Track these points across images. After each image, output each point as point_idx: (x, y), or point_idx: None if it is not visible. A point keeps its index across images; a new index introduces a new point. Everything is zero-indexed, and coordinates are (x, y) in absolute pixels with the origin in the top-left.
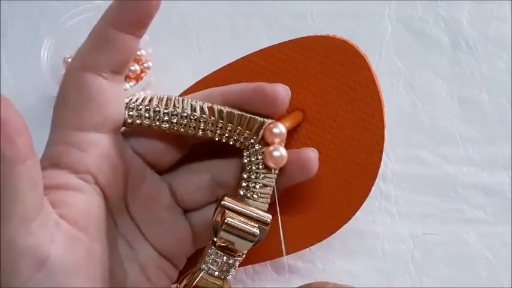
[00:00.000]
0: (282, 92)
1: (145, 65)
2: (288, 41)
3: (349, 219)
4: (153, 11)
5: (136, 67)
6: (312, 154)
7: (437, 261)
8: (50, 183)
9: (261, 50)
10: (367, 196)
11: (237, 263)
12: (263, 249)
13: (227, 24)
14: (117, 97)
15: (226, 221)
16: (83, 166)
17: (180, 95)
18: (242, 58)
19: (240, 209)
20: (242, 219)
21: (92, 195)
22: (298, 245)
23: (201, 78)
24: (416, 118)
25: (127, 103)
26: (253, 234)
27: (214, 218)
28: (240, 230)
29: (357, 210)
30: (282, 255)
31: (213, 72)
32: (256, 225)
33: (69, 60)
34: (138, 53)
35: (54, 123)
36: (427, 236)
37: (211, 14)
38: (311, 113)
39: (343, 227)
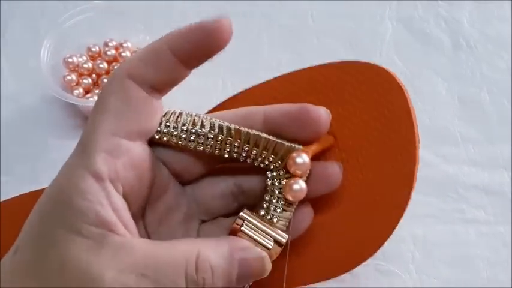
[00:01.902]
0: (324, 114)
1: None
2: (327, 63)
3: (371, 256)
4: (219, 50)
5: None
6: (336, 168)
7: (438, 261)
8: None
9: (301, 70)
10: (392, 231)
11: None
12: (270, 281)
13: None
14: (155, 110)
15: (242, 228)
16: (114, 173)
17: (219, 108)
18: (281, 76)
19: (257, 223)
20: (258, 232)
21: None
22: (313, 278)
23: (236, 93)
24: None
25: None
26: (266, 247)
27: (230, 230)
28: (254, 240)
29: (380, 247)
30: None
31: (251, 88)
32: (272, 241)
33: (69, 60)
34: None
35: (91, 124)
36: (428, 236)
37: (212, 14)
38: (342, 138)
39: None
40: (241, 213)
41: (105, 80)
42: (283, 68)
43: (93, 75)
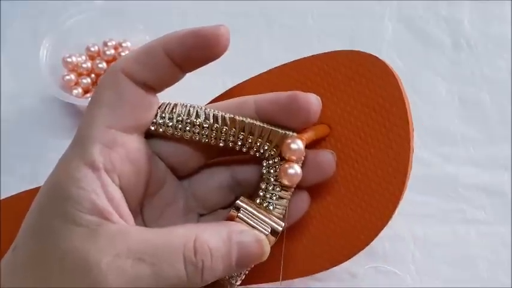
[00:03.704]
0: (315, 101)
1: None
2: (321, 54)
3: (367, 245)
4: (214, 58)
5: None
6: (329, 156)
7: (438, 261)
8: None
9: (293, 61)
10: (388, 221)
11: (238, 282)
12: (267, 269)
13: (227, 24)
14: (151, 105)
15: (239, 215)
16: (109, 164)
17: (213, 101)
18: (274, 68)
19: (253, 210)
20: (255, 219)
21: None
22: (309, 269)
23: (230, 88)
24: (416, 118)
25: None
26: (263, 233)
27: (227, 217)
28: (251, 226)
29: (376, 236)
30: (289, 278)
31: (245, 81)
32: (269, 228)
33: (68, 59)
34: None
35: (86, 118)
36: (428, 236)
37: (211, 14)
38: (337, 128)
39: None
40: (237, 201)
41: None
42: None
43: (93, 75)
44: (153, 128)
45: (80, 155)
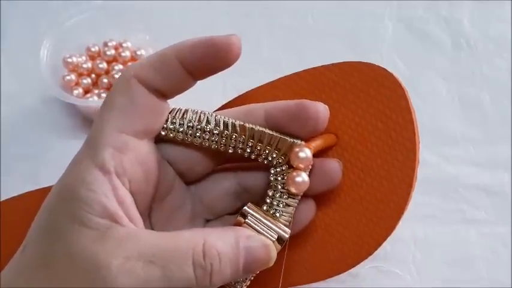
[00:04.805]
0: (323, 110)
1: None
2: (330, 64)
3: (370, 255)
4: (226, 67)
5: None
6: (335, 164)
7: (438, 262)
8: None
9: (303, 71)
10: (392, 231)
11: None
12: (271, 276)
13: (227, 24)
14: (162, 111)
15: (246, 221)
16: (120, 168)
17: (222, 108)
18: (284, 77)
19: (260, 217)
20: (261, 225)
21: None
22: (313, 277)
23: (239, 95)
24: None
25: None
26: (270, 239)
27: (234, 223)
28: (258, 232)
29: (379, 246)
30: (292, 286)
31: (253, 90)
32: (275, 235)
33: (69, 60)
34: (138, 52)
35: (98, 121)
36: (428, 237)
37: (211, 14)
38: (344, 137)
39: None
40: (245, 208)
41: (104, 80)
42: (283, 68)
43: (93, 75)
44: (163, 133)
45: (91, 158)
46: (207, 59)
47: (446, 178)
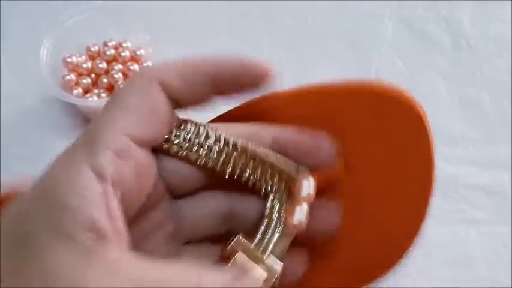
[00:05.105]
0: (334, 149)
1: (144, 64)
2: (341, 84)
3: (373, 282)
4: (252, 92)
5: (135, 67)
6: (333, 215)
7: (438, 262)
8: None
9: (313, 87)
10: (401, 258)
11: None
12: None
13: (227, 24)
14: (171, 121)
15: (236, 256)
16: (117, 177)
17: (224, 117)
18: (292, 90)
19: (251, 251)
20: (253, 261)
21: None
22: None
23: (238, 105)
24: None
25: None
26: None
27: (222, 253)
28: (249, 268)
29: (387, 272)
30: None
31: (258, 98)
32: (266, 273)
33: (69, 59)
34: (138, 52)
35: (101, 118)
36: (428, 236)
37: (211, 14)
38: (356, 162)
39: None
40: (234, 241)
41: (104, 80)
42: (283, 68)
43: (93, 75)
44: (166, 146)
45: (87, 158)
46: (240, 80)
47: (446, 178)
